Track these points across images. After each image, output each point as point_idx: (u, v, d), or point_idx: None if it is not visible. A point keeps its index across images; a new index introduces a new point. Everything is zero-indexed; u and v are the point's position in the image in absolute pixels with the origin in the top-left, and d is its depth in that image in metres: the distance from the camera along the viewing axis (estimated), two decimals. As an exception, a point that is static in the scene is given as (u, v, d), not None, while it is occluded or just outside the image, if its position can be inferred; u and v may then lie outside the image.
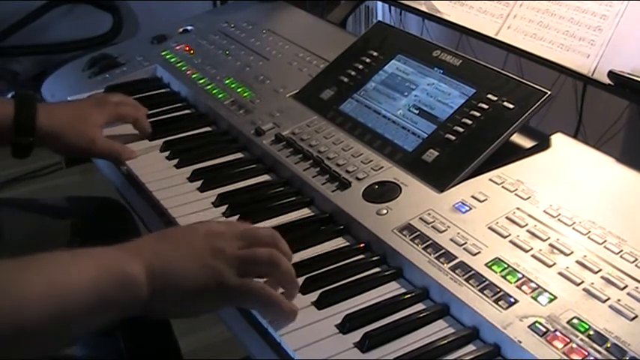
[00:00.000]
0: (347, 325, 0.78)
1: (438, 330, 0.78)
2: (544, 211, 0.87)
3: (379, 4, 2.86)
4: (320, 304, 0.81)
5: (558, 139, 1.01)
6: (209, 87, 1.31)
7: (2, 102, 1.10)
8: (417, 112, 1.07)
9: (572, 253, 0.81)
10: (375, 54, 1.20)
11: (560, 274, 0.78)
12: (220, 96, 1.28)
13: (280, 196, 1.03)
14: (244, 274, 0.78)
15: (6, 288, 0.66)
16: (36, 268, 0.69)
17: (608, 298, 0.74)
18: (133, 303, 0.74)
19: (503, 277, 0.79)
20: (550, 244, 0.82)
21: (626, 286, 0.75)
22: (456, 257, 0.82)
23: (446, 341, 0.75)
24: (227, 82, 1.32)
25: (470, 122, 1.00)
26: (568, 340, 0.71)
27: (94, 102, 1.19)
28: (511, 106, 0.99)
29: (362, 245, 0.91)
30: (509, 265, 0.80)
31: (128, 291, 0.73)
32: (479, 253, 0.83)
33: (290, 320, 0.79)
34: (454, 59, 1.10)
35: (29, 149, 1.09)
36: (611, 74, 1.04)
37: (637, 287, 0.75)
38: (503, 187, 0.92)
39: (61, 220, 1.22)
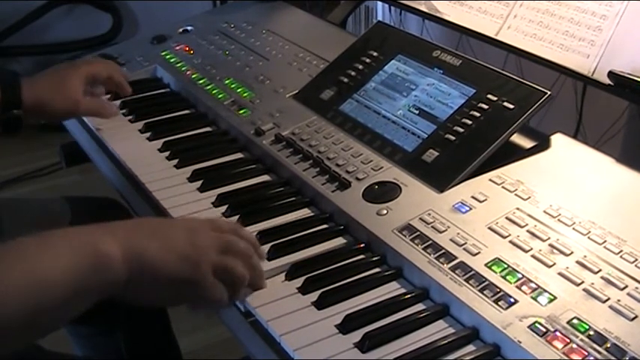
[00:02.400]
0: (347, 325, 0.78)
1: (438, 330, 0.78)
2: (544, 212, 0.87)
3: (379, 4, 2.86)
4: (320, 304, 0.81)
5: (558, 139, 1.01)
6: (209, 87, 1.32)
7: None
8: (416, 112, 1.07)
9: (572, 253, 0.81)
10: (375, 54, 1.20)
11: (560, 274, 0.78)
12: (220, 96, 1.28)
13: (280, 196, 1.03)
14: (217, 276, 0.79)
15: None
16: (10, 259, 0.68)
17: (608, 299, 0.74)
18: (109, 283, 0.73)
19: (503, 277, 0.79)
20: (550, 245, 0.82)
21: (626, 287, 0.75)
22: (455, 257, 0.82)
23: (446, 341, 0.75)
24: (227, 82, 1.32)
25: (470, 122, 1.00)
26: (568, 341, 0.71)
27: (68, 66, 1.25)
28: (511, 106, 0.99)
29: (362, 245, 0.91)
30: (509, 266, 0.80)
31: (104, 271, 0.72)
32: (479, 253, 0.83)
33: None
34: (454, 59, 1.10)
35: (20, 123, 1.13)
36: (611, 74, 1.04)
37: (637, 287, 0.75)
38: (503, 187, 0.92)
39: (60, 220, 1.22)
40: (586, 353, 0.69)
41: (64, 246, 0.72)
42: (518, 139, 1.02)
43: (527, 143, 1.02)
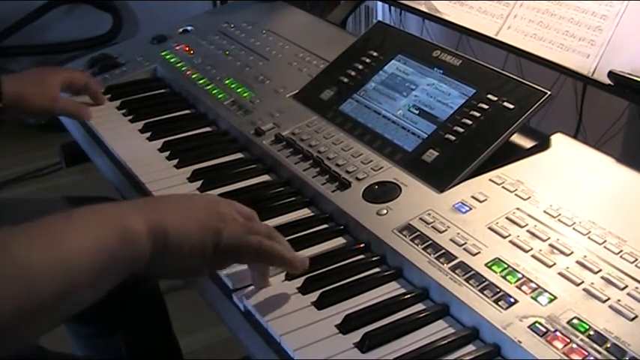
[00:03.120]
0: (347, 325, 0.78)
1: (438, 330, 0.78)
2: (544, 212, 0.87)
3: (379, 4, 2.86)
4: (320, 304, 0.81)
5: (558, 139, 1.01)
6: (209, 87, 1.32)
7: None
8: (416, 112, 1.07)
9: (572, 253, 0.81)
10: (375, 54, 1.20)
11: (560, 274, 0.78)
12: (220, 96, 1.28)
13: (280, 196, 1.03)
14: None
15: (13, 263, 0.64)
16: (38, 237, 0.68)
17: (608, 299, 0.74)
18: (136, 259, 0.73)
19: (503, 277, 0.79)
20: (550, 245, 0.82)
21: (626, 286, 0.75)
22: (455, 257, 0.82)
23: (446, 341, 0.75)
24: (227, 82, 1.32)
25: (470, 122, 1.00)
26: (568, 341, 0.71)
27: (48, 68, 1.36)
28: (511, 106, 0.99)
29: (362, 245, 0.91)
30: (509, 266, 0.80)
31: (130, 246, 0.72)
32: (479, 253, 0.83)
33: (300, 269, 0.82)
34: (454, 59, 1.10)
35: None
36: (611, 74, 1.04)
37: (637, 287, 0.75)
38: (503, 187, 0.92)
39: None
40: (586, 353, 0.69)
41: (92, 222, 0.72)
42: (518, 139, 1.02)
43: (527, 143, 1.02)
